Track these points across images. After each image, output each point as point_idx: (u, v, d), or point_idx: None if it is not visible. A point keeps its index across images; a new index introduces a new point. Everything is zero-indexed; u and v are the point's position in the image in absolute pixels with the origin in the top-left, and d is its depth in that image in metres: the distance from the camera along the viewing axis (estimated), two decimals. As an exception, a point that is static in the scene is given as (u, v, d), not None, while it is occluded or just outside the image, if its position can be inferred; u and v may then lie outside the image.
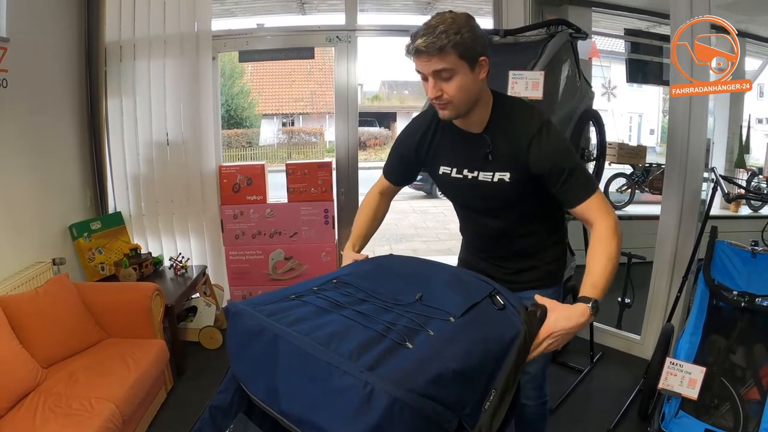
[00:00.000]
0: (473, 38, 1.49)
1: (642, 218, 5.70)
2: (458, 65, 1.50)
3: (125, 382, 2.63)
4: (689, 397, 2.32)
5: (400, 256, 1.69)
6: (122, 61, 4.05)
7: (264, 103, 15.28)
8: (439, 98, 1.56)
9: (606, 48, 6.35)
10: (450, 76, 1.51)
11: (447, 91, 1.54)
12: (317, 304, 1.38)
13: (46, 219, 3.52)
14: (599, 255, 1.52)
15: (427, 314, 1.31)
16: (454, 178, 1.77)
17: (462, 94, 1.55)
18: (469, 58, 1.50)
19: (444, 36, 1.45)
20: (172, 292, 3.56)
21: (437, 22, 1.49)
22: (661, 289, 3.46)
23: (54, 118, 3.66)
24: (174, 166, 4.16)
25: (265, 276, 4.19)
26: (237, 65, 13.90)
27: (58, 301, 2.95)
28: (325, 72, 15.43)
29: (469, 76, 1.53)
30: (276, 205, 4.14)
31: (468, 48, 1.49)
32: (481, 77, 1.56)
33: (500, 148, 1.65)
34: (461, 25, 1.48)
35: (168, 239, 4.31)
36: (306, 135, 15.36)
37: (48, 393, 2.50)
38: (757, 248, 2.68)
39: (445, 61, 1.49)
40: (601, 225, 1.55)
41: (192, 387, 3.36)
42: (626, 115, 11.33)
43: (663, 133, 12.11)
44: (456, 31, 1.46)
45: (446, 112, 1.60)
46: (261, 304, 1.37)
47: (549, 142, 1.59)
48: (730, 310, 2.65)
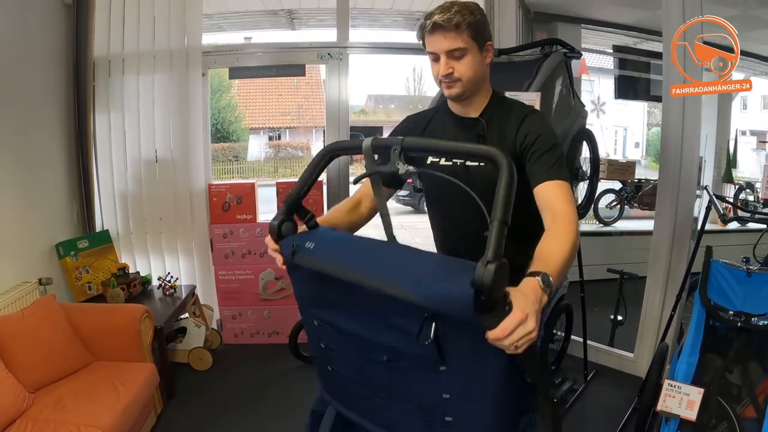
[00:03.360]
0: (484, 21, 1.60)
1: (632, 234, 5.73)
2: (470, 45, 1.58)
3: (115, 408, 2.56)
4: (688, 418, 2.31)
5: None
6: (111, 76, 4.00)
7: (251, 117, 15.24)
8: (449, 75, 1.61)
9: (594, 65, 6.41)
10: (462, 55, 1.59)
11: (458, 69, 1.61)
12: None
13: (31, 237, 3.45)
14: (551, 238, 1.36)
15: (413, 368, 1.20)
16: (443, 166, 1.73)
17: (471, 73, 1.62)
18: (479, 39, 1.60)
19: (459, 15, 1.54)
20: (161, 313, 3.50)
21: (451, 3, 1.58)
22: (654, 306, 3.45)
23: (40, 134, 3.59)
24: (163, 183, 4.11)
25: (255, 296, 4.13)
26: (224, 79, 13.86)
27: (45, 323, 2.88)
28: (312, 86, 15.44)
29: (478, 56, 1.61)
30: (266, 224, 4.05)
31: (480, 29, 1.59)
32: (487, 60, 1.66)
33: (493, 130, 1.70)
34: (474, 8, 1.59)
35: (156, 258, 4.25)
36: (293, 149, 15.31)
37: (35, 419, 2.43)
38: (752, 267, 2.68)
39: (460, 39, 1.57)
40: (560, 212, 1.45)
41: (182, 410, 3.29)
42: (611, 128, 11.42)
43: (648, 146, 12.24)
44: (471, 12, 1.56)
45: (454, 90, 1.65)
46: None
47: (536, 121, 1.65)
48: (726, 329, 2.65)
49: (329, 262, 1.26)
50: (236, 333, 4.21)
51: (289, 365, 3.84)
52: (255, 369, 3.84)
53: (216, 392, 3.51)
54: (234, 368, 3.85)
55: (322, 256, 1.28)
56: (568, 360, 3.67)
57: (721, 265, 2.73)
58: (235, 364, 3.92)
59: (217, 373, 3.77)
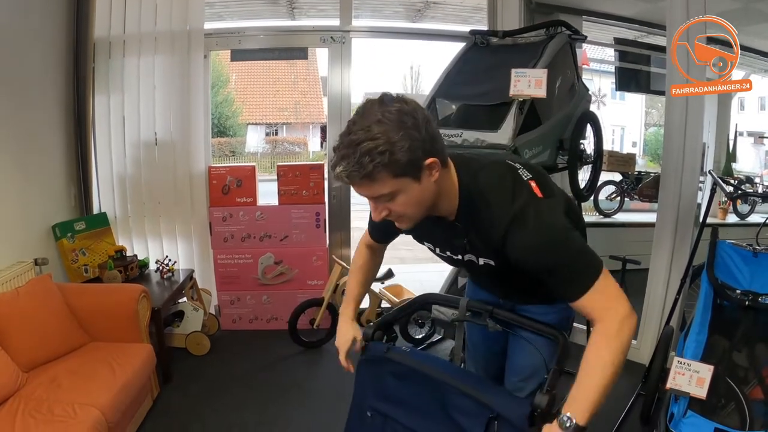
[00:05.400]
0: (410, 146, 1.20)
1: (633, 225, 5.73)
2: (397, 184, 1.24)
3: (111, 388, 2.52)
4: (698, 396, 2.26)
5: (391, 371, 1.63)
6: (111, 58, 3.96)
7: (248, 113, 15.19)
8: (387, 217, 1.33)
9: (595, 57, 6.40)
10: (392, 197, 1.27)
11: (394, 209, 1.30)
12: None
13: (28, 218, 3.40)
14: (590, 364, 1.26)
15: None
16: (440, 254, 1.63)
17: (413, 208, 1.31)
18: (410, 171, 1.23)
19: (368, 158, 1.17)
20: (158, 296, 3.45)
21: (359, 134, 1.19)
22: (658, 293, 3.44)
23: (39, 115, 3.56)
24: (162, 166, 4.07)
25: (254, 281, 4.09)
26: (222, 73, 13.80)
27: (40, 302, 2.84)
28: (309, 82, 15.41)
29: (415, 187, 1.26)
30: (266, 207, 4.05)
31: (404, 164, 1.21)
32: (433, 180, 1.29)
33: (475, 240, 1.44)
34: (390, 134, 1.18)
35: (154, 242, 4.21)
36: (290, 144, 15.28)
37: (28, 398, 2.38)
38: (758, 247, 2.67)
39: (379, 185, 1.24)
40: (601, 324, 1.27)
41: (179, 395, 3.24)
42: (609, 127, 11.46)
43: (645, 145, 12.28)
44: (384, 148, 1.17)
45: (404, 225, 1.40)
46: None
47: (524, 236, 1.30)
48: (732, 309, 2.63)
49: (424, 362, 1.56)
50: (234, 318, 4.17)
51: (288, 351, 3.80)
52: (253, 354, 3.80)
53: (213, 376, 3.47)
54: (232, 353, 3.81)
55: (417, 357, 1.61)
56: (572, 348, 3.62)
57: (727, 245, 2.72)
58: (233, 349, 3.87)
59: (214, 357, 3.72)
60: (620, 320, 1.25)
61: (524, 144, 2.71)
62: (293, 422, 2.97)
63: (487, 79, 2.97)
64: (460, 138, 2.77)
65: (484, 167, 1.39)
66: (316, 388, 3.28)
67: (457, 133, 2.79)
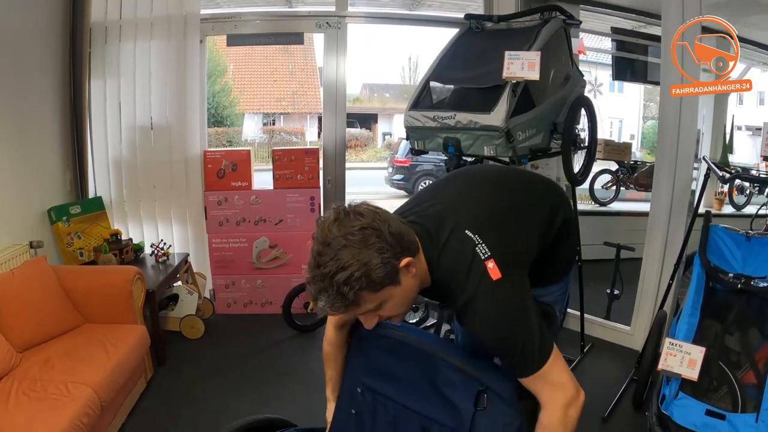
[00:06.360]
0: (382, 261, 1.19)
1: (628, 214, 5.73)
2: (381, 296, 1.25)
3: (104, 367, 2.53)
4: (689, 377, 2.28)
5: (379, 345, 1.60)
6: (107, 43, 3.95)
7: (245, 103, 15.15)
8: (380, 321, 1.35)
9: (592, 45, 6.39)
10: (379, 307, 1.27)
11: (384, 315, 1.31)
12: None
13: (23, 201, 3.40)
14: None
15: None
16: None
17: (402, 307, 1.33)
18: (389, 282, 1.23)
19: (347, 288, 1.17)
20: (153, 279, 3.45)
21: (329, 265, 1.17)
22: (652, 279, 3.44)
23: (35, 100, 3.55)
24: (158, 150, 4.07)
25: (248, 264, 4.09)
26: (219, 63, 13.75)
27: (35, 283, 2.84)
28: (307, 72, 15.35)
29: (398, 290, 1.26)
30: (261, 191, 4.06)
31: (383, 278, 1.21)
32: (411, 275, 1.29)
33: (449, 304, 1.45)
34: (360, 256, 1.18)
35: (150, 226, 4.21)
36: (287, 134, 15.24)
37: (22, 377, 2.39)
38: (751, 231, 2.68)
39: (364, 306, 1.24)
40: (545, 414, 1.30)
41: (173, 377, 3.25)
42: (607, 120, 11.43)
43: (643, 138, 12.26)
44: (359, 274, 1.17)
45: (395, 322, 1.39)
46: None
47: (473, 322, 1.32)
48: (725, 293, 2.65)
49: (413, 335, 1.56)
50: (229, 302, 4.17)
51: (283, 334, 3.81)
52: (247, 337, 3.80)
53: (207, 359, 3.47)
54: (226, 337, 3.82)
55: (405, 330, 1.57)
56: (565, 333, 3.64)
57: (720, 229, 2.73)
58: (228, 332, 3.88)
59: (208, 341, 3.73)
60: (563, 407, 1.27)
61: (517, 126, 2.71)
62: (287, 404, 2.97)
63: (481, 63, 2.97)
64: (453, 120, 2.77)
65: (444, 246, 1.35)
66: (310, 371, 3.28)
67: (450, 115, 2.79)
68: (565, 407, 1.27)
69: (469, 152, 2.84)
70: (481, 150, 2.78)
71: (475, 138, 2.77)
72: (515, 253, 1.37)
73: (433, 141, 2.97)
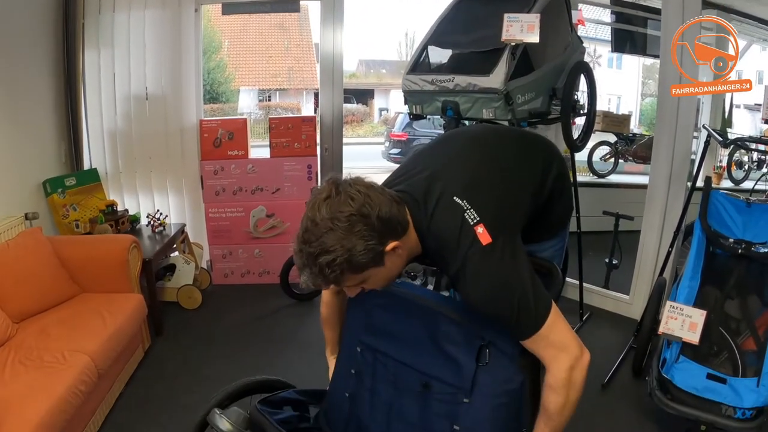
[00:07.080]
0: (366, 247, 1.19)
1: (627, 186, 5.72)
2: (364, 276, 1.25)
3: (100, 335, 2.51)
4: (690, 341, 2.28)
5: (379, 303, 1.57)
6: (101, 13, 3.90)
7: (241, 78, 15.04)
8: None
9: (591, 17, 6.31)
10: (362, 282, 1.28)
11: (366, 287, 1.31)
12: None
13: (18, 173, 3.36)
14: (548, 414, 1.29)
15: (440, 398, 1.41)
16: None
17: (384, 281, 1.32)
18: (372, 264, 1.23)
19: (329, 270, 1.18)
20: (149, 249, 3.43)
21: (314, 246, 1.17)
22: (650, 248, 3.43)
23: (29, 71, 3.52)
24: (153, 121, 4.03)
25: (245, 234, 4.07)
26: (213, 39, 13.61)
27: (31, 254, 2.82)
28: (302, 48, 15.23)
29: (382, 270, 1.26)
30: (258, 160, 4.02)
31: (366, 262, 1.20)
32: (397, 255, 1.28)
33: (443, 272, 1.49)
34: (344, 242, 1.17)
35: (146, 197, 4.19)
36: (283, 110, 15.13)
37: (18, 347, 2.38)
38: (751, 198, 2.66)
39: (345, 282, 1.25)
40: (550, 375, 1.27)
41: (170, 347, 3.25)
42: (605, 96, 11.40)
43: (641, 115, 12.23)
44: (342, 258, 1.17)
45: (378, 289, 1.37)
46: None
47: (466, 287, 1.29)
48: (725, 258, 2.65)
49: (412, 291, 1.53)
50: (226, 273, 4.16)
51: (280, 303, 3.81)
52: (245, 307, 3.80)
53: (205, 329, 3.47)
54: (223, 307, 3.81)
55: (405, 287, 1.54)
56: (563, 302, 3.64)
57: (721, 194, 2.72)
58: (225, 302, 3.87)
59: (206, 311, 3.72)
60: (567, 369, 1.25)
61: (516, 89, 2.67)
62: (286, 370, 2.95)
63: (480, 27, 2.92)
64: (452, 83, 2.74)
65: (433, 215, 1.31)
66: (309, 339, 3.28)
67: (449, 78, 2.76)
68: (569, 369, 1.24)
69: (468, 115, 2.81)
70: (480, 113, 2.74)
71: (474, 101, 2.73)
72: (505, 215, 1.34)
73: (431, 105, 2.93)
